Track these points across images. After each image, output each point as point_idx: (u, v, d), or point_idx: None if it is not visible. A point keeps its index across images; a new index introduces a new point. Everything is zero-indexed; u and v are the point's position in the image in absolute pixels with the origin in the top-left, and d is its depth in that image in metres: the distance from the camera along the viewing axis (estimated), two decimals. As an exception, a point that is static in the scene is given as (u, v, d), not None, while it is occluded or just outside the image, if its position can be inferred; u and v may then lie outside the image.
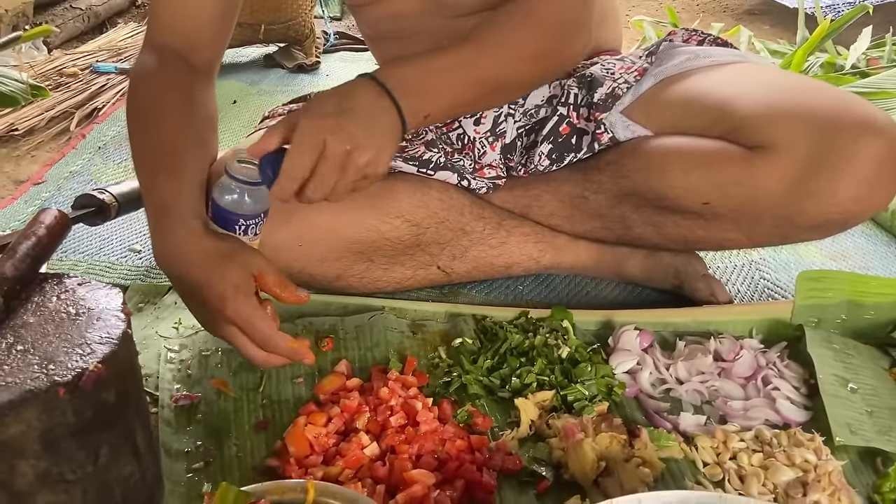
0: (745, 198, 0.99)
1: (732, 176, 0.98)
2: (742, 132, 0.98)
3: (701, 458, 0.88)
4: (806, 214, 0.96)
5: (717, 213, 1.03)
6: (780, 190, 0.95)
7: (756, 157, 0.96)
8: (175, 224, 0.88)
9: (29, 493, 0.66)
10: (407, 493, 0.81)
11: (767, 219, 1.00)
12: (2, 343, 0.70)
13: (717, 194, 1.00)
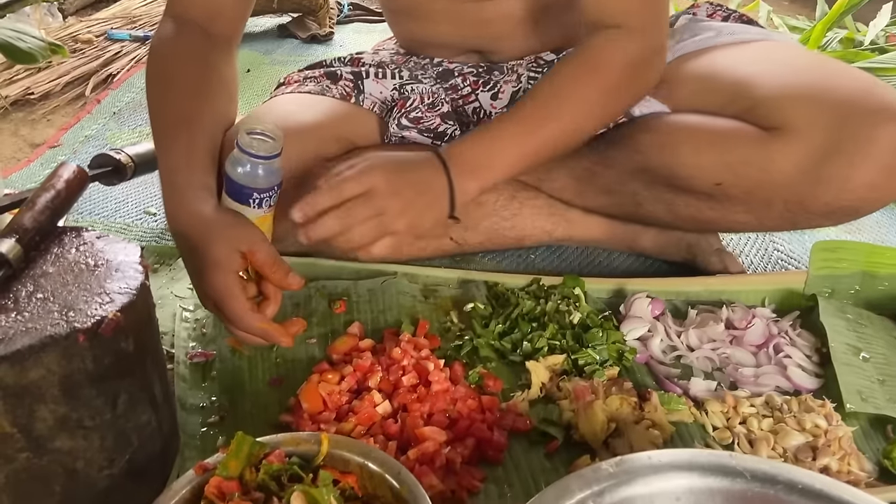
0: (758, 180, 0.97)
1: (746, 156, 0.97)
2: (759, 112, 0.96)
3: (711, 423, 0.89)
4: (819, 200, 0.94)
5: (728, 194, 1.01)
6: (794, 173, 0.93)
7: (771, 139, 0.95)
8: (182, 188, 0.89)
9: (48, 437, 0.67)
10: (418, 449, 0.82)
11: (779, 203, 0.98)
12: (22, 291, 0.71)
13: (730, 175, 0.99)
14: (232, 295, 0.82)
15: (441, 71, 1.21)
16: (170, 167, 0.92)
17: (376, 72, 1.20)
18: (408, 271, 1.16)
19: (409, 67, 1.23)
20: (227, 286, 0.82)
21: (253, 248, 0.84)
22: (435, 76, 1.21)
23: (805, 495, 0.64)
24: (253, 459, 0.72)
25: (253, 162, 0.88)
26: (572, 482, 0.65)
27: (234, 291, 0.82)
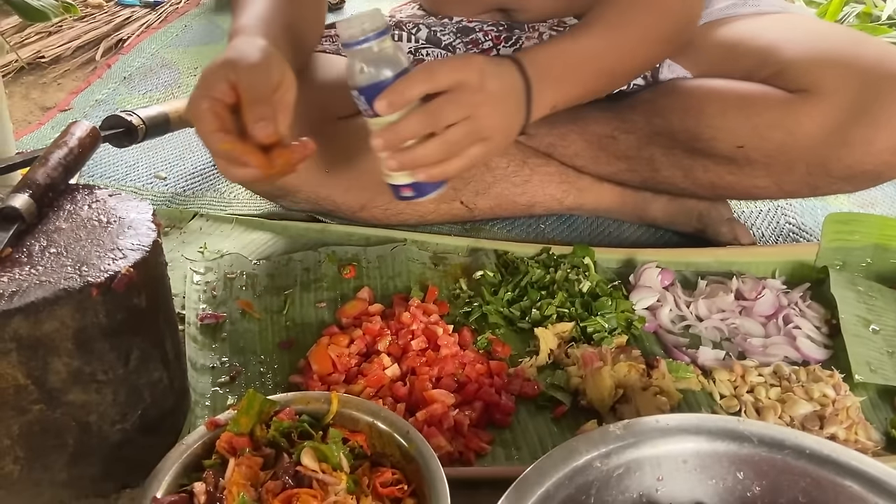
0: (782, 142, 0.98)
1: (771, 118, 0.98)
2: (786, 75, 0.97)
3: (718, 391, 0.89)
4: (841, 163, 0.95)
5: (749, 158, 1.02)
6: (819, 135, 0.95)
7: (798, 101, 0.96)
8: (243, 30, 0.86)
9: (62, 390, 0.68)
10: (426, 411, 0.82)
11: (801, 166, 0.99)
12: (35, 246, 0.71)
13: (754, 137, 0.99)
14: (198, 117, 0.77)
15: (461, 27, 1.21)
16: (240, 24, 0.88)
17: (392, 33, 1.19)
18: (417, 238, 1.16)
19: (428, 24, 1.22)
20: (196, 106, 0.77)
21: (240, 85, 0.76)
22: (455, 31, 1.20)
23: (812, 460, 0.64)
24: (263, 417, 0.72)
25: (353, 52, 0.79)
26: (580, 443, 0.65)
27: (200, 113, 0.76)
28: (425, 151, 0.80)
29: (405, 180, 0.85)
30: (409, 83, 0.78)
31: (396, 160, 0.81)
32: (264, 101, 0.76)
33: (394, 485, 0.68)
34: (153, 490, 0.65)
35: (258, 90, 0.77)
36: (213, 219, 1.22)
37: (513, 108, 0.85)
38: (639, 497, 0.65)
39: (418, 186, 0.85)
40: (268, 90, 0.77)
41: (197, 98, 0.77)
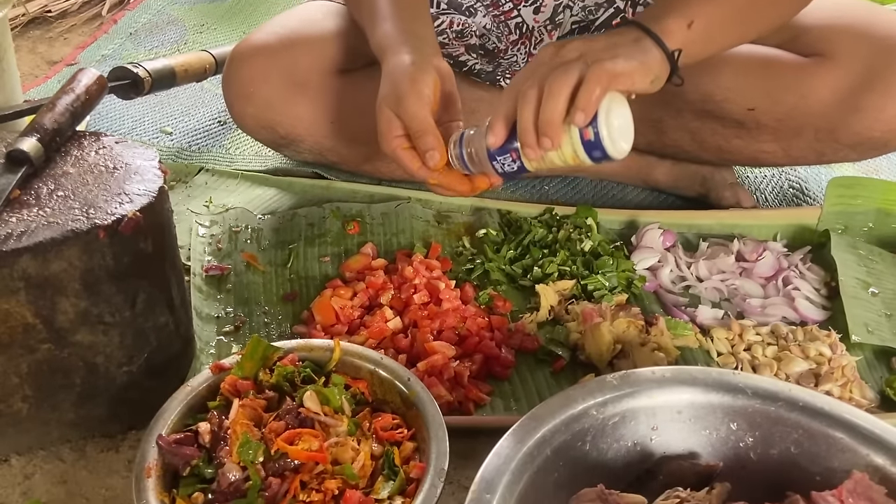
0: (794, 105, 0.98)
1: (785, 81, 0.98)
2: (802, 40, 0.97)
3: (716, 349, 0.90)
4: (850, 129, 0.96)
5: (759, 121, 1.02)
6: (831, 100, 0.95)
7: (812, 65, 0.96)
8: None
9: (69, 330, 0.69)
10: (427, 361, 0.84)
11: (810, 131, 1.00)
12: (43, 189, 0.72)
13: (766, 100, 1.00)
14: (399, 159, 0.85)
15: None
16: (380, 37, 0.91)
17: None
18: (422, 196, 1.17)
19: None
20: (393, 150, 0.85)
21: (404, 118, 0.83)
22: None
23: (805, 413, 0.65)
24: (267, 362, 0.74)
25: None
26: (577, 392, 0.66)
27: (399, 156, 0.84)
28: (545, 107, 0.75)
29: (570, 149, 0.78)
30: (497, 108, 0.79)
31: (542, 136, 0.76)
32: (426, 132, 0.82)
33: (394, 429, 0.70)
34: (158, 428, 0.67)
35: (418, 122, 0.82)
36: (219, 174, 1.23)
37: (616, 36, 0.79)
38: (633, 445, 0.67)
39: (588, 143, 0.77)
40: (426, 117, 0.83)
41: (387, 143, 0.85)
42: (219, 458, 0.65)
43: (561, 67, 0.75)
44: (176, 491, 0.64)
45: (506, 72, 1.16)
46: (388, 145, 0.85)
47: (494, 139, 0.79)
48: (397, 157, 0.85)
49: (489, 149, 0.81)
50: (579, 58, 0.76)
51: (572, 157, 0.79)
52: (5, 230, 0.65)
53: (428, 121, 0.83)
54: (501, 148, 0.80)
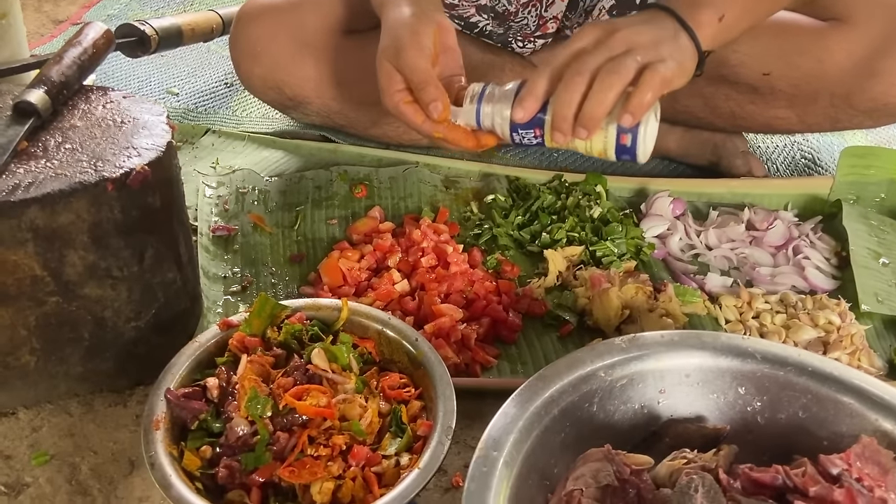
0: (810, 70, 0.97)
1: (801, 45, 0.97)
2: (819, 4, 0.96)
3: (724, 316, 0.90)
4: (865, 95, 0.96)
5: (774, 87, 1.01)
6: (847, 64, 0.95)
7: (829, 29, 0.95)
8: None
9: (77, 283, 0.69)
10: (435, 324, 0.84)
11: (825, 97, 0.99)
12: (50, 141, 0.71)
13: (781, 64, 0.99)
14: (400, 113, 0.83)
15: None
16: None
17: None
18: (429, 161, 1.16)
19: None
20: (394, 105, 0.83)
21: (404, 72, 0.80)
22: None
23: (814, 377, 0.65)
24: (275, 320, 0.74)
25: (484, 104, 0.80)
26: (585, 354, 0.66)
27: (400, 110, 0.82)
28: (592, 99, 0.73)
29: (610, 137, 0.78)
30: (532, 83, 0.76)
31: (581, 125, 0.74)
32: (428, 83, 0.79)
33: (401, 388, 0.70)
34: (167, 382, 0.67)
35: (420, 73, 0.79)
36: (226, 135, 1.22)
37: (658, 28, 0.76)
38: (640, 408, 0.67)
39: (621, 146, 0.78)
40: (427, 68, 0.80)
41: (388, 98, 0.83)
42: (227, 412, 0.65)
43: (614, 62, 0.73)
44: (184, 444, 0.64)
45: (516, 34, 1.14)
46: (389, 100, 0.83)
47: (523, 114, 0.77)
48: (400, 112, 0.83)
49: (513, 121, 0.78)
50: (628, 52, 0.73)
51: (599, 152, 0.79)
52: (13, 181, 0.65)
53: (429, 72, 0.80)
54: (527, 122, 0.78)
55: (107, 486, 0.71)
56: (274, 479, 0.62)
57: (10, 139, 0.68)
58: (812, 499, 0.54)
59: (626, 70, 0.72)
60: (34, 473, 0.72)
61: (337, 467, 0.62)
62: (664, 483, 0.59)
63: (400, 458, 0.64)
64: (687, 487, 0.55)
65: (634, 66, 0.73)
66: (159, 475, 0.60)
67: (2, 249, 0.64)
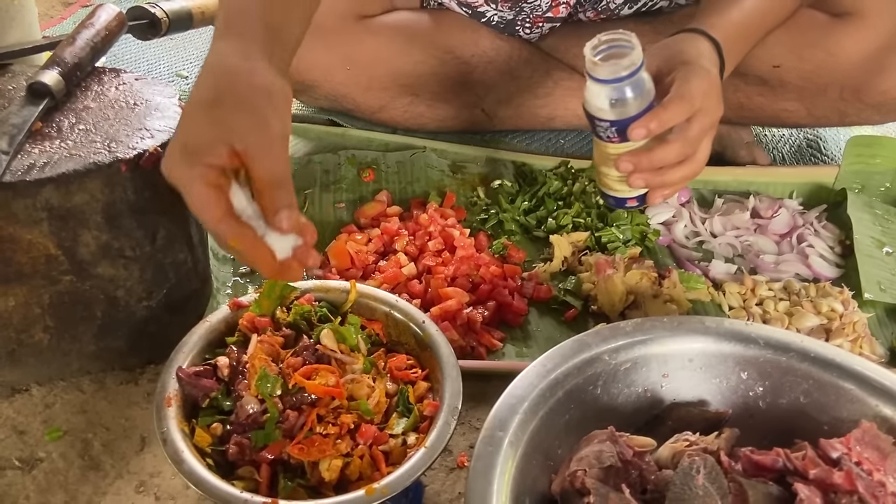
0: (819, 63, 0.98)
1: (812, 38, 0.97)
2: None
3: (727, 303, 0.91)
4: (875, 89, 0.97)
5: (783, 79, 1.02)
6: (858, 59, 0.95)
7: (841, 23, 0.96)
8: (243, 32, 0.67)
9: (91, 262, 0.70)
10: (441, 307, 0.85)
11: (834, 90, 0.99)
12: (64, 122, 0.72)
13: (792, 57, 0.99)
14: (193, 196, 0.58)
15: None
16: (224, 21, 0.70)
17: None
18: (437, 146, 1.17)
19: None
20: (188, 181, 0.58)
21: (247, 152, 0.58)
22: None
23: (816, 363, 0.66)
24: (284, 301, 0.75)
25: (605, 88, 0.72)
26: (590, 338, 0.67)
27: (196, 192, 0.58)
28: (681, 174, 0.76)
29: (636, 193, 0.80)
30: (670, 113, 0.72)
31: (645, 180, 0.75)
32: (281, 182, 0.59)
33: (408, 369, 0.71)
34: (178, 361, 0.68)
35: (271, 165, 0.59)
36: (234, 118, 1.22)
37: (714, 80, 0.78)
38: (644, 391, 0.68)
39: (643, 197, 0.80)
40: (281, 159, 0.60)
41: (186, 168, 0.58)
42: (237, 391, 0.66)
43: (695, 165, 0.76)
44: (195, 421, 0.65)
45: (526, 19, 1.14)
46: (188, 178, 0.58)
47: (642, 133, 0.72)
48: (195, 196, 0.58)
49: (622, 119, 0.72)
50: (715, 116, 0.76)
51: (609, 187, 0.80)
52: (28, 161, 0.66)
53: (282, 167, 0.60)
54: (617, 127, 0.73)
55: (119, 461, 0.73)
56: (283, 456, 0.63)
57: (24, 119, 0.69)
58: (812, 481, 0.55)
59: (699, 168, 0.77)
60: (47, 448, 0.73)
61: (345, 445, 0.63)
62: (666, 465, 0.60)
63: (407, 438, 0.65)
64: (689, 469, 0.56)
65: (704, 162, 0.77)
66: (171, 450, 0.61)
67: (17, 228, 0.65)
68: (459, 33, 1.11)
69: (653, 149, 0.74)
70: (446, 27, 1.11)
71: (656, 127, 0.72)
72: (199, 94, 0.61)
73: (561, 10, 1.12)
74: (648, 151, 0.74)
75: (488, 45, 1.13)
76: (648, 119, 0.71)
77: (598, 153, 0.79)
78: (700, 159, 0.76)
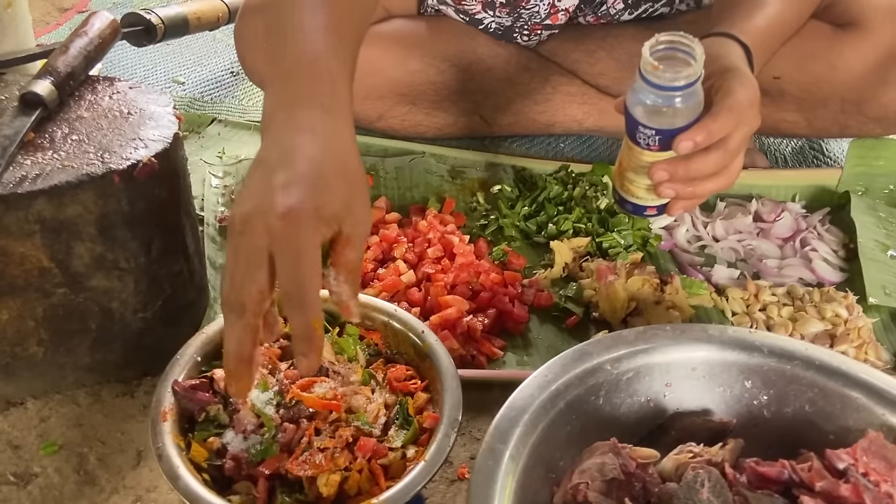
0: (820, 75, 0.97)
1: (814, 50, 0.96)
2: (834, 10, 0.95)
3: (731, 308, 0.90)
4: (877, 102, 0.96)
5: (783, 90, 1.00)
6: (859, 71, 0.94)
7: (843, 34, 0.95)
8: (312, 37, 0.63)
9: (85, 274, 0.69)
10: (441, 315, 0.84)
11: (835, 102, 0.98)
12: (57, 132, 0.71)
13: (793, 68, 0.98)
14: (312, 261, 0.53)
15: None
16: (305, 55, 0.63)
17: None
18: (436, 151, 1.16)
19: None
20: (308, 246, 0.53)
21: (351, 241, 0.56)
22: None
23: (821, 372, 0.65)
24: (281, 311, 0.73)
25: (659, 95, 0.67)
26: (592, 347, 0.66)
27: (314, 259, 0.54)
28: (712, 186, 0.72)
29: (659, 202, 0.76)
30: (718, 126, 0.68)
31: (677, 190, 0.71)
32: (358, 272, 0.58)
33: (407, 380, 0.70)
34: (174, 374, 0.67)
35: (359, 255, 0.57)
36: (232, 125, 1.22)
37: (756, 89, 0.74)
38: (646, 401, 0.67)
39: (664, 207, 0.77)
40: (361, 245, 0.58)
41: (314, 234, 0.53)
42: (234, 404, 0.65)
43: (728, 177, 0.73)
44: (192, 435, 0.65)
45: (524, 26, 1.13)
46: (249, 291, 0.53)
47: (690, 146, 0.68)
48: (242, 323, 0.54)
49: (668, 129, 0.68)
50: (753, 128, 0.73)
51: (631, 192, 0.76)
52: (20, 172, 0.65)
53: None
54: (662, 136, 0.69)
55: (115, 476, 0.72)
56: (280, 470, 0.62)
57: (16, 130, 0.68)
58: (818, 494, 0.54)
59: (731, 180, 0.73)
60: (43, 463, 0.72)
61: (343, 459, 0.62)
62: (670, 477, 0.59)
63: (406, 451, 0.64)
64: (693, 482, 0.55)
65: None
66: (167, 467, 0.60)
67: (9, 241, 0.64)
68: (456, 41, 1.10)
69: (691, 159, 0.69)
70: (443, 35, 1.10)
71: (704, 140, 0.68)
72: (320, 158, 0.57)
73: (560, 18, 1.11)
74: (686, 161, 0.69)
75: (486, 52, 1.12)
76: (697, 131, 0.67)
77: (628, 157, 0.74)
78: (734, 171, 0.73)
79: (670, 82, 0.66)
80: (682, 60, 0.66)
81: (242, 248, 0.53)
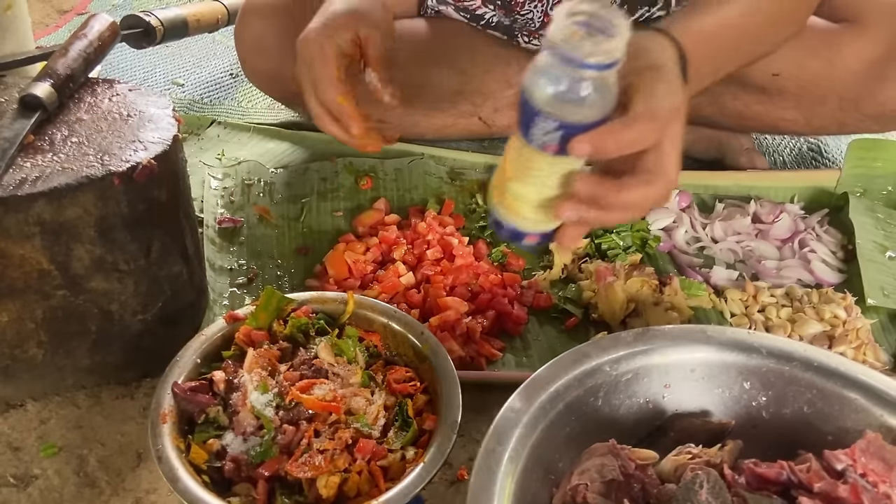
0: (819, 72, 0.97)
1: (812, 47, 0.96)
2: (832, 5, 0.95)
3: (729, 310, 0.90)
4: (874, 99, 0.95)
5: (782, 88, 1.00)
6: (857, 68, 0.94)
7: (841, 31, 0.95)
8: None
9: (84, 276, 0.69)
10: (440, 317, 0.84)
11: (833, 100, 0.98)
12: (57, 135, 0.71)
13: (791, 65, 0.98)
14: (316, 58, 0.76)
15: None
16: None
17: None
18: (435, 153, 1.16)
19: None
20: (318, 46, 0.76)
21: (370, 38, 0.78)
22: None
23: (820, 373, 0.65)
24: (281, 313, 0.74)
25: (569, 71, 0.52)
26: (590, 348, 0.66)
27: (322, 54, 0.76)
28: (626, 214, 0.61)
29: (545, 228, 0.63)
30: (634, 134, 0.56)
31: (583, 214, 0.58)
32: (394, 64, 0.76)
33: (407, 381, 0.70)
34: (174, 376, 0.67)
35: (383, 49, 0.77)
36: (231, 126, 1.22)
37: (682, 110, 0.63)
38: (645, 402, 0.67)
39: (551, 235, 0.64)
40: (393, 53, 0.77)
41: (318, 39, 0.75)
42: (233, 406, 0.65)
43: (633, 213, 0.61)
44: (191, 437, 0.65)
45: (522, 29, 1.14)
46: (319, 44, 0.77)
47: (586, 150, 0.55)
48: (318, 57, 0.77)
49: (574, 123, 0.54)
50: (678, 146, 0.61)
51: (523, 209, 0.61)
52: (20, 175, 0.65)
53: (394, 57, 0.80)
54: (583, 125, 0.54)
55: (114, 478, 0.72)
56: (280, 472, 0.62)
57: (16, 133, 0.68)
58: (817, 495, 0.55)
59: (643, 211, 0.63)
60: (42, 465, 0.72)
61: (343, 461, 0.62)
62: (669, 478, 0.59)
63: (406, 452, 0.64)
64: (692, 483, 0.55)
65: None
66: (167, 469, 0.60)
67: (9, 243, 0.64)
68: (456, 43, 1.10)
69: (624, 177, 0.58)
70: (442, 37, 1.10)
71: (611, 148, 0.55)
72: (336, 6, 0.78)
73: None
74: (619, 185, 0.57)
75: (485, 53, 1.12)
76: (603, 135, 0.54)
77: (516, 163, 0.59)
78: (652, 200, 0.60)
79: (587, 57, 0.51)
80: (605, 34, 0.52)
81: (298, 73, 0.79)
